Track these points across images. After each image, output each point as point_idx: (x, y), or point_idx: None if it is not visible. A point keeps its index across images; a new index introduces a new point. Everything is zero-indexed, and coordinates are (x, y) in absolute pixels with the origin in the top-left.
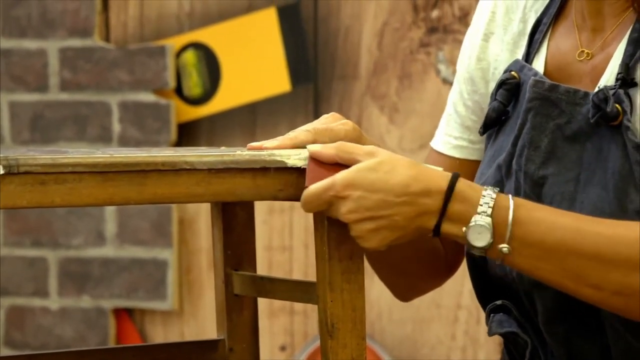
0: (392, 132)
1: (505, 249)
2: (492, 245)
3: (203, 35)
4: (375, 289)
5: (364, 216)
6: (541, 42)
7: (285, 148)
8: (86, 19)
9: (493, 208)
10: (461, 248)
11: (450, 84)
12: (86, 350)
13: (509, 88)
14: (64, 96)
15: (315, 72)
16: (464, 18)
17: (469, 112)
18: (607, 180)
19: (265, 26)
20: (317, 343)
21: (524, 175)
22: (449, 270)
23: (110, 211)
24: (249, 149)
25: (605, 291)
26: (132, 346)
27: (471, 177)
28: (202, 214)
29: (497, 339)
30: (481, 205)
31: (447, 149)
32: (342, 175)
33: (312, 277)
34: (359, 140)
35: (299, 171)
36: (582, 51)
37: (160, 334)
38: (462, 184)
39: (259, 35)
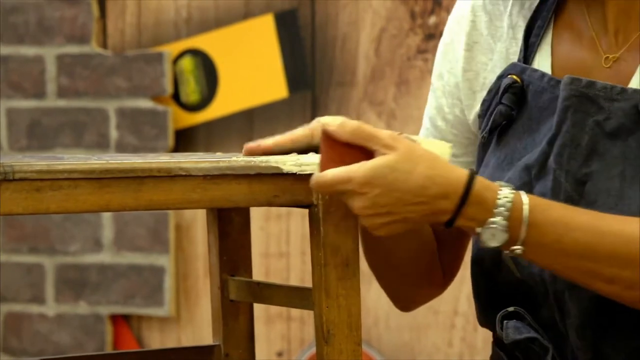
0: None
1: (518, 250)
2: (505, 245)
3: (200, 41)
4: (372, 295)
5: (379, 212)
6: (539, 46)
7: (283, 144)
8: (83, 25)
9: (510, 210)
10: (458, 256)
11: None
12: (83, 357)
13: (515, 92)
14: (62, 103)
15: (312, 78)
16: None
17: (449, 126)
18: None
19: (262, 33)
20: (314, 349)
21: (566, 174)
22: (446, 278)
23: (107, 218)
24: (246, 148)
25: (618, 286)
26: (129, 352)
27: None
28: (198, 220)
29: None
30: (497, 208)
31: None
32: (360, 170)
33: (308, 283)
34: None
35: (295, 177)
36: (607, 57)
37: (157, 340)
38: (479, 185)
39: (256, 41)
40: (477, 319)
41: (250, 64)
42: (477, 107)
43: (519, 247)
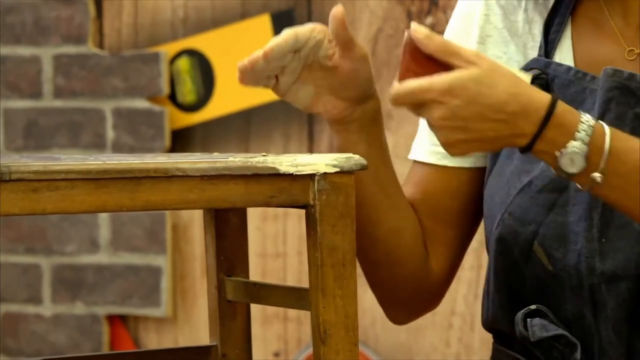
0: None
1: (598, 178)
2: (583, 173)
3: (197, 42)
4: (369, 296)
5: (458, 125)
6: (559, 41)
7: (279, 45)
8: (80, 25)
9: (591, 135)
10: (450, 274)
11: None
12: (80, 357)
13: (542, 83)
14: (58, 103)
15: None
16: None
17: None
18: None
19: (259, 33)
20: (311, 350)
21: None
22: (437, 295)
23: (103, 218)
24: (240, 67)
25: None
26: (126, 353)
27: (468, 184)
28: (195, 221)
29: (491, 345)
30: (579, 132)
31: (438, 159)
32: (442, 79)
33: (305, 283)
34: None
35: (292, 177)
36: (632, 50)
37: (154, 341)
38: (562, 107)
39: (253, 41)
40: (482, 319)
41: None
42: None
43: (599, 174)
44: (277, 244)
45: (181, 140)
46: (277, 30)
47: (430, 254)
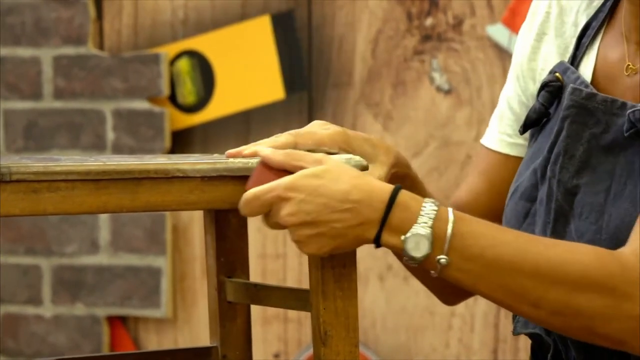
0: (386, 140)
1: (443, 260)
2: (429, 257)
3: (197, 43)
4: (369, 297)
5: (304, 220)
6: (588, 47)
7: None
8: (80, 26)
9: (434, 219)
10: None
11: (444, 92)
12: (80, 358)
13: (551, 90)
14: (58, 104)
15: (309, 79)
16: (458, 26)
17: (524, 109)
18: (636, 195)
19: (259, 34)
20: (311, 351)
21: (557, 184)
22: None
23: (103, 219)
24: (228, 156)
25: (545, 310)
26: (126, 354)
27: None
28: (195, 222)
29: (491, 346)
30: (422, 216)
31: (502, 147)
32: (286, 178)
33: (305, 285)
34: (346, 143)
35: None
36: (629, 66)
37: (154, 342)
38: (404, 195)
39: (253, 43)
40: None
41: (246, 65)
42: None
43: (443, 256)
44: (277, 245)
45: (181, 141)
46: (277, 31)
47: None
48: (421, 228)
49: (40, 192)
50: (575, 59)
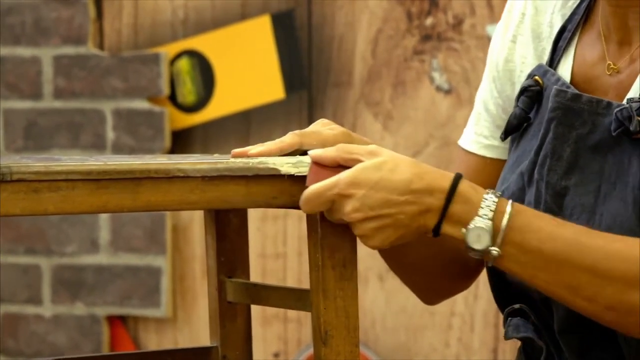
0: (386, 139)
1: (495, 252)
2: (487, 248)
3: (197, 42)
4: (369, 296)
5: (368, 215)
6: (565, 49)
7: (271, 152)
8: (80, 26)
9: (494, 211)
10: None
11: (444, 91)
12: (80, 358)
13: (531, 95)
14: (58, 104)
15: (309, 79)
16: (458, 26)
17: (500, 111)
18: (626, 194)
19: (259, 34)
20: (311, 350)
21: (546, 185)
22: (473, 270)
23: (103, 219)
24: (233, 156)
25: (599, 305)
26: (126, 353)
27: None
28: (195, 221)
29: (491, 345)
30: (482, 208)
31: (478, 149)
32: (345, 173)
33: (305, 284)
34: (349, 142)
35: (293, 178)
36: (609, 65)
37: (153, 342)
38: (465, 184)
39: (253, 42)
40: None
41: (246, 65)
42: (514, 100)
43: (495, 248)
44: (277, 245)
45: (181, 141)
46: (277, 30)
47: None
48: (482, 221)
49: (41, 192)
50: (553, 62)
